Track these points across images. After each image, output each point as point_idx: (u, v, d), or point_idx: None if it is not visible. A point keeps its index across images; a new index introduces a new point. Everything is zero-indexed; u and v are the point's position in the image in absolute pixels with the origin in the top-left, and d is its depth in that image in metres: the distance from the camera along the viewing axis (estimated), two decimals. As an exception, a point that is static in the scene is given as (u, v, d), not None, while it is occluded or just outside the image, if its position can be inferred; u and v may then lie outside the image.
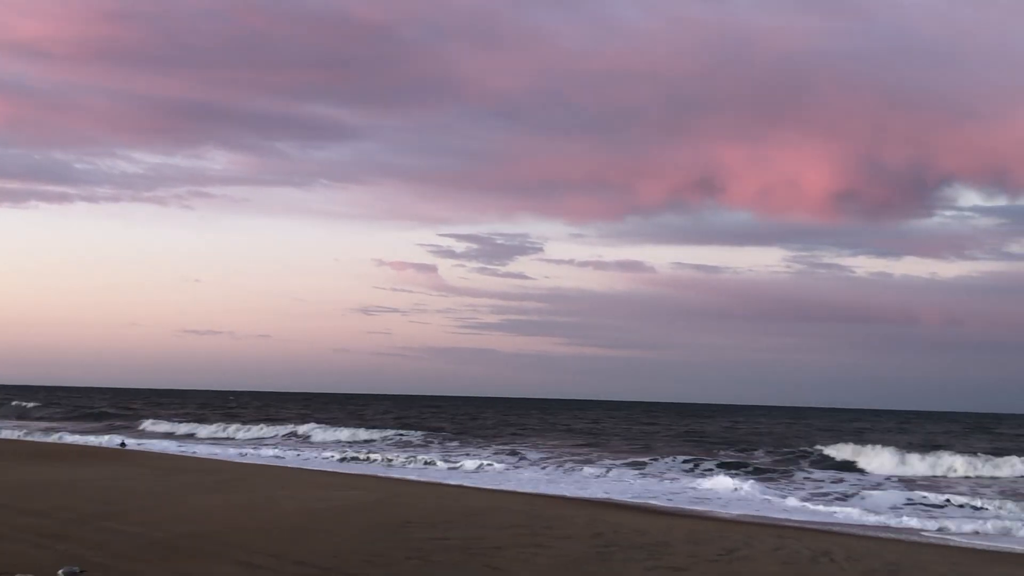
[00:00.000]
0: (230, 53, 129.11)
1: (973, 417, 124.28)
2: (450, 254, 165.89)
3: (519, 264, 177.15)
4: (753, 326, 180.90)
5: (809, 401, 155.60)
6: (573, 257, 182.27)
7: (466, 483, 29.12)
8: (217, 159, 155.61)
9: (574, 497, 25.74)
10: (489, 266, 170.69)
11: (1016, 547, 19.04)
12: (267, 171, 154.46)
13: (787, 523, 21.50)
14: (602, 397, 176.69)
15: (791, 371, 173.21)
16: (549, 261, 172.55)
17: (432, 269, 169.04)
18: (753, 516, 23.17)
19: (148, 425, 62.75)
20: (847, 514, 23.80)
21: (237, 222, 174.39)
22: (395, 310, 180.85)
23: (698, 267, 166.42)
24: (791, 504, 26.02)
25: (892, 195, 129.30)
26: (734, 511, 23.82)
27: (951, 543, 19.32)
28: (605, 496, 26.48)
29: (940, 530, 21.25)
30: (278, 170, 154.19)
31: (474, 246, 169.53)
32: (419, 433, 54.91)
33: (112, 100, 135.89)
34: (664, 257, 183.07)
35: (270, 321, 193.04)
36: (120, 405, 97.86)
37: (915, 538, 19.97)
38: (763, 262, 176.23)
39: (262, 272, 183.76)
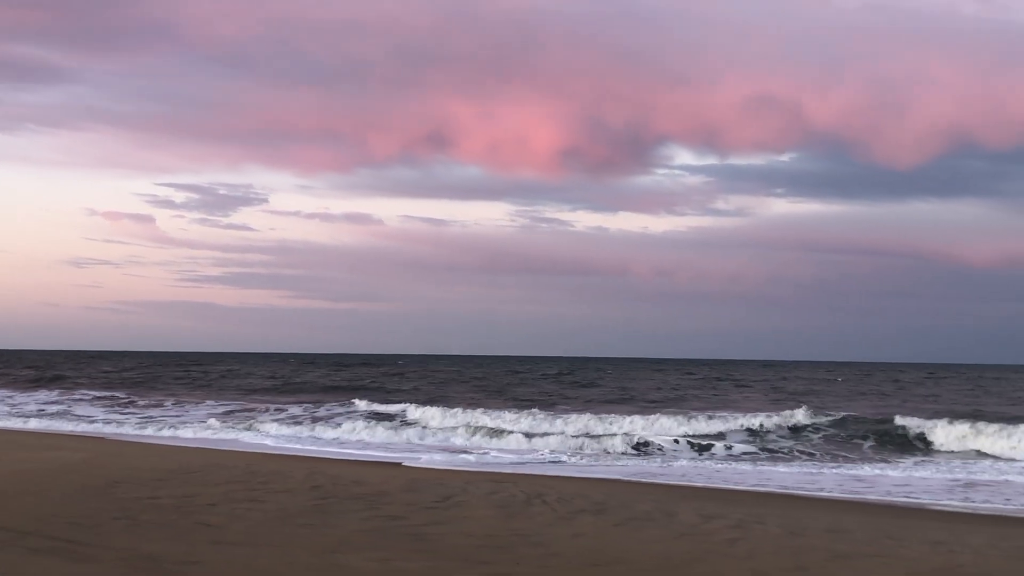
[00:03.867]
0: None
1: (676, 363, 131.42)
2: (169, 204, 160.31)
3: (243, 215, 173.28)
4: (480, 278, 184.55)
5: (533, 350, 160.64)
6: (299, 209, 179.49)
7: (173, 442, 28.35)
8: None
9: (295, 453, 25.58)
10: (211, 217, 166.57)
11: (711, 484, 20.38)
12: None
13: (506, 470, 22.11)
14: (331, 351, 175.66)
15: (516, 321, 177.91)
16: (274, 213, 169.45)
17: (149, 220, 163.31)
18: (469, 464, 23.69)
19: None
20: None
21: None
22: (108, 262, 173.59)
23: (426, 220, 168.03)
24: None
25: (612, 153, 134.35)
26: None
27: (657, 482, 20.40)
28: (323, 450, 26.42)
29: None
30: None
31: (195, 196, 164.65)
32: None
33: None
34: (393, 210, 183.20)
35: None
36: None
37: (621, 478, 20.98)
38: (489, 216, 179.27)
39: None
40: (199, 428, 33.65)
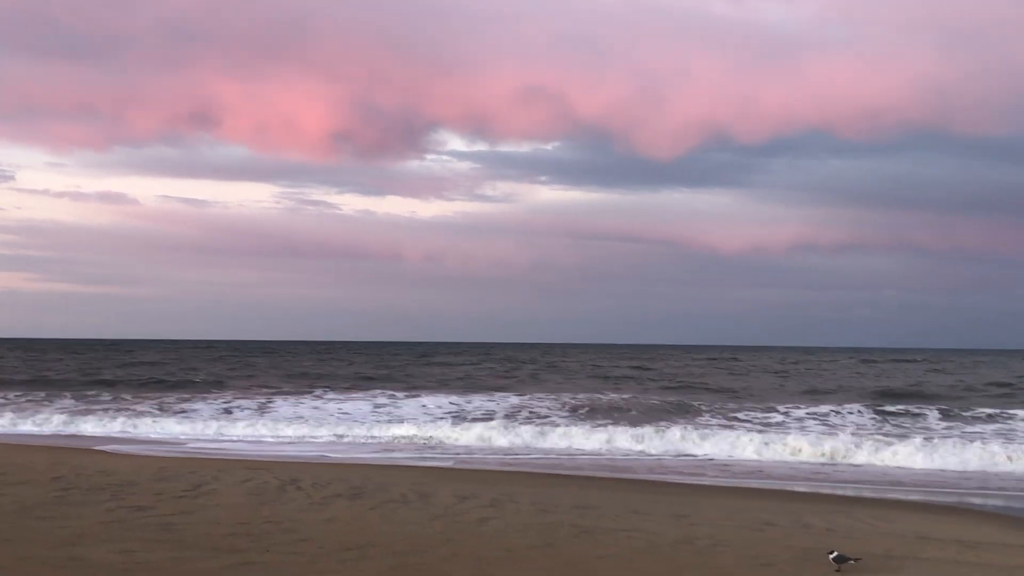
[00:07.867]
0: None
1: (446, 347, 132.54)
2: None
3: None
4: (242, 261, 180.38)
5: (301, 335, 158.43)
6: (49, 187, 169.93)
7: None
8: None
9: (36, 444, 24.39)
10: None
11: (457, 465, 20.65)
12: None
13: (259, 457, 21.76)
14: (85, 336, 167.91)
15: (282, 305, 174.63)
16: (22, 191, 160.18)
17: None
18: (220, 451, 23.21)
19: None
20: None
21: None
22: None
23: (186, 201, 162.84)
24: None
25: (383, 137, 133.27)
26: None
27: (415, 465, 20.51)
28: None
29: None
30: None
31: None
32: None
33: None
34: (150, 190, 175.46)
35: None
36: None
37: (381, 462, 20.99)
38: (254, 197, 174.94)
39: None
40: None
